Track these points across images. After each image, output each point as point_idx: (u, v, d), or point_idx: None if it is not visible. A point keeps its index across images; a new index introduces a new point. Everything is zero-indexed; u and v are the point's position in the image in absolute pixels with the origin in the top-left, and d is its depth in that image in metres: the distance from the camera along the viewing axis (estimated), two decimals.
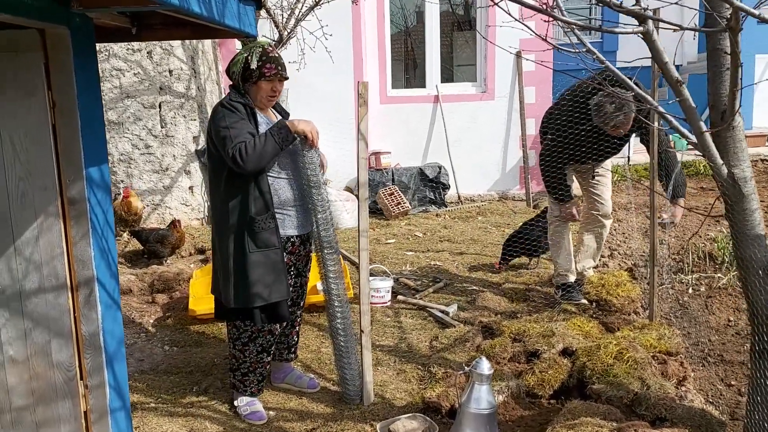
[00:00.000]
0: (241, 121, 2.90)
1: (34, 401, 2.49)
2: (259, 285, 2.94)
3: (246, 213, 2.93)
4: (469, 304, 4.55)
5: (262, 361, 3.17)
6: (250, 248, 2.93)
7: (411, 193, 7.87)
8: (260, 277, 2.94)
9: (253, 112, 2.98)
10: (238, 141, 2.82)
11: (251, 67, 2.94)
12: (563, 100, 4.22)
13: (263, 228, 2.93)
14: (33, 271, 2.40)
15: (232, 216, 2.96)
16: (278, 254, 2.98)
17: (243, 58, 2.97)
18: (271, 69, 2.96)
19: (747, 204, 2.28)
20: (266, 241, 2.94)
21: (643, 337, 3.46)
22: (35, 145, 2.32)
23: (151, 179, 6.61)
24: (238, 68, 2.98)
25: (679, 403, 2.86)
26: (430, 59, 8.36)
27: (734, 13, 1.87)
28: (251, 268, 2.93)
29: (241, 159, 2.80)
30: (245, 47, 3.01)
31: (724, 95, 2.23)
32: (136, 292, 4.96)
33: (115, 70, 6.39)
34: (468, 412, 2.82)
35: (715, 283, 4.68)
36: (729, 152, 2.26)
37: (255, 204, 2.93)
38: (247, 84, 3.00)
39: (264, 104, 3.07)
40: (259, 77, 2.95)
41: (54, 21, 2.18)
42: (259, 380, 3.20)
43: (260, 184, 2.94)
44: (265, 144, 2.83)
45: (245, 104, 2.97)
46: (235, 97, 2.99)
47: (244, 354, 3.12)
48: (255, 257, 2.94)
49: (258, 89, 2.99)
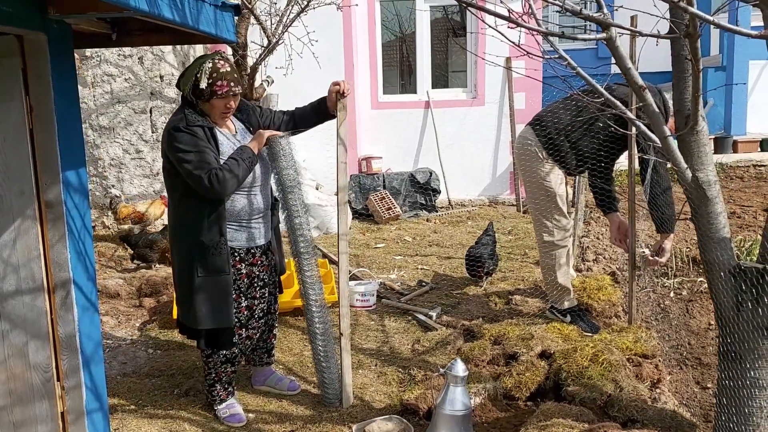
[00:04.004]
0: (201, 145, 2.82)
1: (12, 402, 2.52)
2: (203, 309, 2.93)
3: (197, 236, 2.89)
4: (452, 307, 4.58)
5: (226, 371, 3.17)
6: (198, 272, 2.90)
7: (402, 198, 7.91)
8: (205, 301, 2.92)
9: (212, 132, 2.90)
10: (211, 167, 2.78)
11: (201, 87, 2.82)
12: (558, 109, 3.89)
13: (213, 254, 2.89)
14: (10, 274, 2.43)
15: (185, 236, 2.94)
16: (226, 281, 2.93)
17: (193, 75, 2.84)
18: (222, 86, 2.83)
19: (711, 207, 2.32)
20: (216, 266, 2.90)
21: (620, 339, 3.49)
22: (13, 150, 2.35)
23: (142, 184, 6.65)
24: (188, 87, 2.86)
25: (651, 405, 2.89)
26: (421, 65, 8.43)
27: (692, 20, 1.92)
28: (197, 291, 2.91)
29: (219, 183, 2.77)
30: (195, 62, 2.88)
31: (688, 100, 2.28)
32: (124, 295, 4.99)
33: (107, 75, 6.44)
34: (443, 414, 2.85)
35: (697, 287, 4.72)
36: (693, 156, 2.30)
37: (209, 229, 2.88)
38: (198, 101, 2.90)
39: (220, 121, 2.98)
40: (211, 95, 2.84)
41: (31, 27, 2.22)
42: (225, 389, 3.21)
43: (217, 209, 2.88)
44: (239, 168, 2.82)
45: (203, 126, 2.87)
46: (192, 119, 2.86)
47: (208, 366, 3.14)
48: (202, 281, 2.91)
49: (211, 107, 2.89)
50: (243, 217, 3.01)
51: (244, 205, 3.00)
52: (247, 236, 3.04)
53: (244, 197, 3.00)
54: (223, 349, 3.07)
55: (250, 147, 2.93)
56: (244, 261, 3.07)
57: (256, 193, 3.05)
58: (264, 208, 3.09)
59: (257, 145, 2.95)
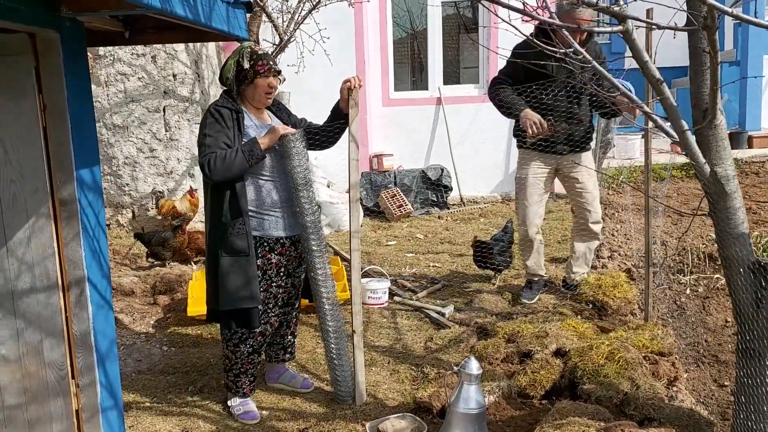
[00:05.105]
0: (221, 130, 2.96)
1: (27, 400, 2.53)
2: (228, 289, 3.00)
3: (221, 217, 3.00)
4: (465, 305, 4.56)
5: (253, 362, 3.19)
6: (222, 253, 3.00)
7: (413, 195, 7.89)
8: (229, 282, 3.00)
9: (239, 116, 3.02)
10: (210, 151, 2.92)
11: (245, 68, 2.99)
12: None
13: (232, 233, 2.98)
14: (25, 272, 2.44)
15: (213, 219, 3.05)
16: (248, 261, 3.01)
17: (234, 62, 3.02)
18: (264, 65, 3.01)
19: (730, 202, 2.28)
20: (235, 247, 2.99)
21: (636, 337, 3.45)
22: (26, 148, 2.36)
23: (156, 182, 6.67)
24: (231, 73, 3.03)
25: (668, 404, 2.86)
26: (432, 61, 8.40)
27: (710, 11, 1.88)
28: (222, 272, 3.00)
29: (209, 169, 2.91)
30: (233, 53, 3.06)
31: (706, 93, 2.24)
32: (138, 293, 5.01)
33: (120, 74, 6.47)
34: (457, 412, 2.83)
35: (714, 284, 4.66)
36: (711, 151, 2.27)
37: (229, 209, 2.99)
38: (242, 86, 3.05)
39: (263, 102, 3.12)
40: (255, 76, 3.01)
41: (44, 25, 2.22)
42: (250, 381, 3.23)
43: (236, 189, 2.99)
44: (234, 158, 2.91)
45: (232, 108, 3.02)
46: (222, 101, 3.04)
47: (235, 355, 3.15)
48: (225, 262, 3.00)
49: (255, 87, 3.04)
50: (259, 206, 3.08)
51: (259, 194, 3.08)
52: (268, 225, 3.10)
53: (259, 186, 3.07)
54: (251, 328, 3.10)
55: (260, 141, 2.99)
56: (273, 251, 3.12)
57: (271, 184, 3.09)
58: (281, 201, 3.12)
59: (269, 140, 3.00)
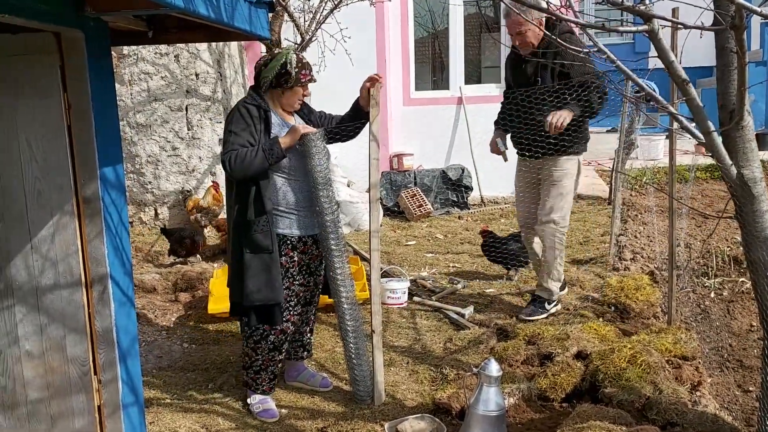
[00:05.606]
0: (246, 128, 3.00)
1: (50, 395, 2.56)
2: (252, 286, 3.03)
3: (245, 215, 3.04)
4: (485, 306, 4.53)
5: (274, 359, 3.21)
6: (246, 249, 3.04)
7: (433, 194, 7.86)
8: (252, 278, 3.03)
9: (267, 114, 3.06)
10: (232, 148, 2.96)
11: (291, 74, 3.03)
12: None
13: (256, 231, 3.01)
14: (49, 268, 2.48)
15: (237, 216, 3.08)
16: (272, 258, 3.04)
17: (279, 64, 3.04)
18: (306, 75, 3.09)
19: (757, 205, 2.24)
20: (259, 244, 3.02)
21: (659, 341, 3.40)
22: (51, 146, 2.39)
23: (178, 180, 6.74)
24: (272, 74, 3.05)
25: (692, 408, 2.81)
26: (453, 61, 8.36)
27: (738, 11, 1.84)
28: (246, 268, 3.03)
29: (230, 166, 2.96)
30: (278, 55, 3.08)
31: (733, 94, 2.20)
32: (160, 290, 5.06)
33: (143, 73, 6.53)
34: (476, 414, 2.81)
35: (739, 288, 4.58)
36: (738, 152, 2.23)
37: (253, 206, 3.03)
38: (278, 89, 3.09)
39: (293, 107, 3.19)
40: (296, 82, 3.07)
41: (69, 25, 2.25)
42: (270, 378, 3.25)
43: (260, 186, 3.02)
44: (255, 157, 2.95)
45: (259, 106, 3.05)
46: (251, 99, 3.09)
47: (256, 352, 3.17)
48: (249, 258, 3.03)
49: (293, 94, 3.12)
50: (283, 204, 3.11)
51: (284, 194, 3.11)
52: (291, 224, 3.13)
53: (280, 184, 3.10)
54: (272, 324, 3.12)
55: (281, 140, 3.01)
56: (296, 249, 3.16)
57: (292, 183, 3.12)
58: (303, 200, 3.15)
59: (290, 140, 3.02)
